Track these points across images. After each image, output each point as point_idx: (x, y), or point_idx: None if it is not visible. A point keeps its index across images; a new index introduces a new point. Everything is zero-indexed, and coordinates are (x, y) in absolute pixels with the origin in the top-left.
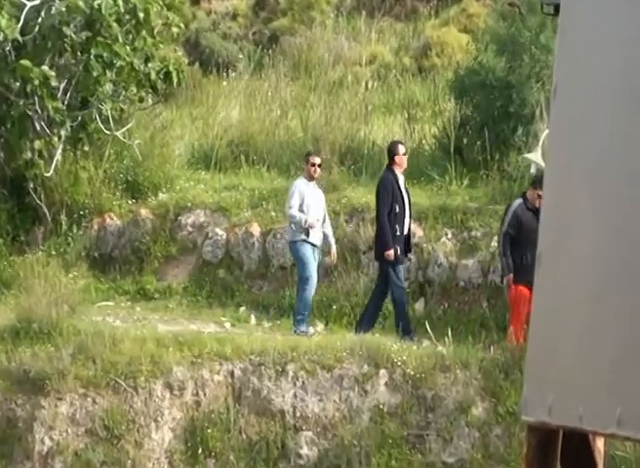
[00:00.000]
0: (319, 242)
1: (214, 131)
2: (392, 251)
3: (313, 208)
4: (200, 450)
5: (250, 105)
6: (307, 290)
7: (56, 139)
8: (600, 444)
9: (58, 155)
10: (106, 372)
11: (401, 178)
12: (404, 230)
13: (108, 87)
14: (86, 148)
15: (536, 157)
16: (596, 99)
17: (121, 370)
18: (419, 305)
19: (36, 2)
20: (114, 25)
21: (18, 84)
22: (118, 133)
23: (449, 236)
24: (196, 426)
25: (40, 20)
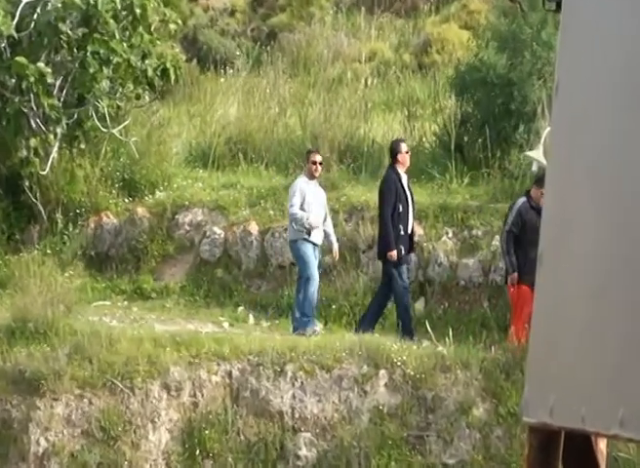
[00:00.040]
0: (320, 241)
1: (211, 128)
2: (395, 252)
3: (315, 206)
4: (197, 452)
5: (248, 103)
6: (310, 290)
7: (51, 137)
8: (602, 445)
9: (53, 153)
10: (103, 373)
11: (404, 177)
12: (408, 230)
13: (105, 84)
14: (82, 146)
15: (537, 155)
16: (598, 96)
17: (118, 371)
18: (419, 305)
19: None
20: (111, 22)
21: (13, 81)
22: (115, 130)
23: (449, 235)
24: (194, 427)
25: (36, 17)
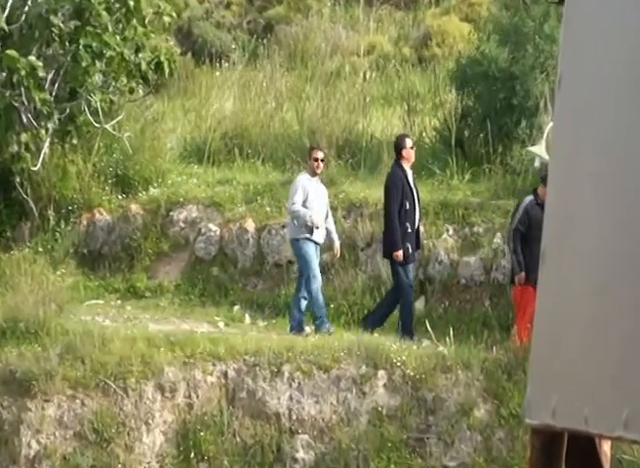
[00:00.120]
0: (322, 239)
1: (207, 123)
2: (401, 251)
3: (316, 203)
4: (192, 454)
5: (244, 97)
6: (313, 290)
7: (43, 132)
8: (606, 447)
9: (45, 148)
10: (95, 373)
11: (409, 173)
12: (414, 227)
13: (98, 78)
14: (74, 141)
15: (540, 150)
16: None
17: (111, 371)
18: (419, 304)
19: None
20: (104, 14)
21: (4, 75)
22: (108, 125)
23: (450, 232)
24: (188, 429)
25: (27, 9)
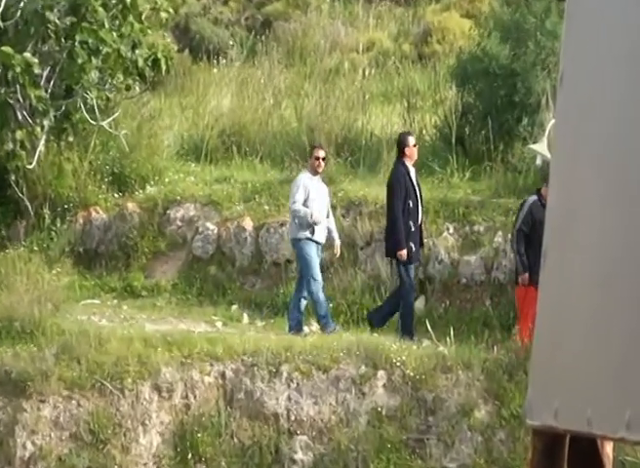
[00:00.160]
0: (323, 239)
1: (204, 120)
2: (405, 251)
3: (317, 202)
4: (190, 456)
5: (242, 94)
6: (315, 291)
7: (38, 130)
8: (609, 448)
9: (40, 146)
10: (92, 374)
11: (412, 171)
12: (418, 225)
13: (94, 75)
14: (70, 139)
15: (541, 148)
16: (603, 86)
17: (107, 372)
18: (419, 303)
19: None
20: (100, 10)
21: None
22: (104, 123)
23: (450, 231)
24: (186, 430)
25: (22, 5)
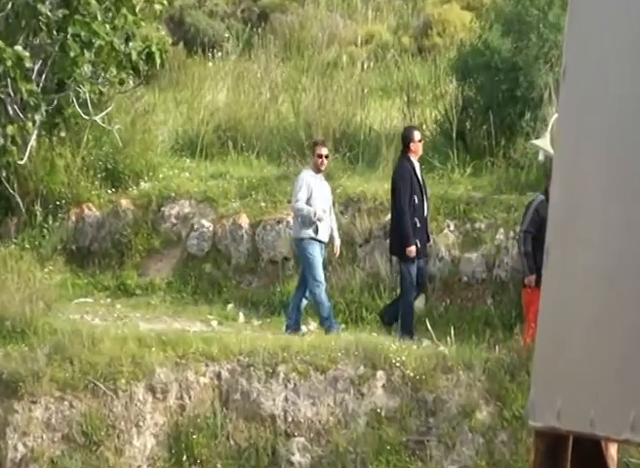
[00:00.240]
0: (327, 238)
1: (199, 115)
2: (414, 247)
3: (320, 201)
4: (185, 458)
5: (238, 88)
6: (318, 293)
7: (30, 125)
8: (613, 450)
9: (32, 141)
10: (84, 374)
11: (417, 166)
12: (423, 222)
13: (86, 68)
14: (62, 134)
15: (544, 143)
16: (606, 80)
17: (100, 372)
18: (419, 302)
19: None
20: (93, 2)
21: None
22: (97, 117)
23: (451, 228)
24: (180, 432)
25: None
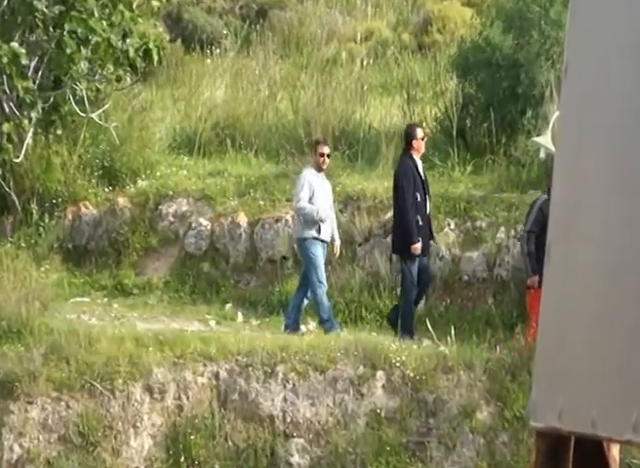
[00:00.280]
0: (329, 237)
1: (197, 112)
2: (419, 244)
3: (322, 200)
4: (182, 459)
5: (236, 85)
6: (319, 294)
7: (26, 122)
8: (615, 451)
9: (28, 139)
10: (81, 374)
11: (419, 164)
12: (425, 220)
13: (83, 65)
14: (59, 132)
15: (545, 141)
16: (608, 77)
17: (97, 372)
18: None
19: None
20: None
21: None
22: (94, 115)
23: (451, 226)
24: (178, 432)
25: None
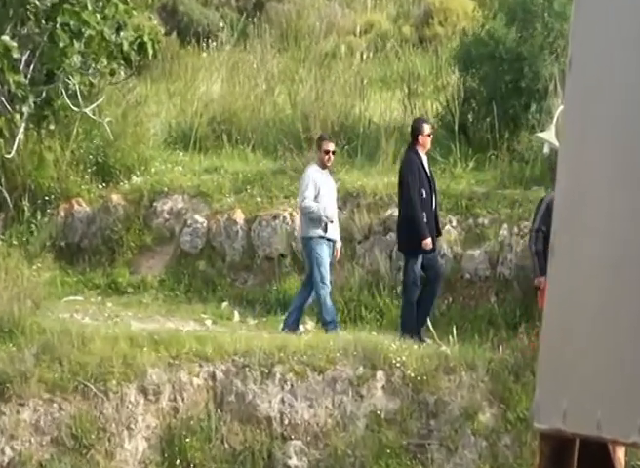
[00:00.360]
0: (335, 236)
1: (193, 107)
2: (430, 240)
3: (327, 198)
4: (178, 461)
5: (233, 79)
6: (323, 295)
7: (17, 117)
8: (621, 453)
9: (20, 134)
10: (74, 375)
11: (425, 160)
12: (431, 216)
13: (76, 59)
14: (51, 127)
15: (549, 136)
16: (612, 70)
17: (90, 373)
18: None
19: None
20: None
21: None
22: (87, 109)
23: (453, 224)
24: (173, 434)
25: None
